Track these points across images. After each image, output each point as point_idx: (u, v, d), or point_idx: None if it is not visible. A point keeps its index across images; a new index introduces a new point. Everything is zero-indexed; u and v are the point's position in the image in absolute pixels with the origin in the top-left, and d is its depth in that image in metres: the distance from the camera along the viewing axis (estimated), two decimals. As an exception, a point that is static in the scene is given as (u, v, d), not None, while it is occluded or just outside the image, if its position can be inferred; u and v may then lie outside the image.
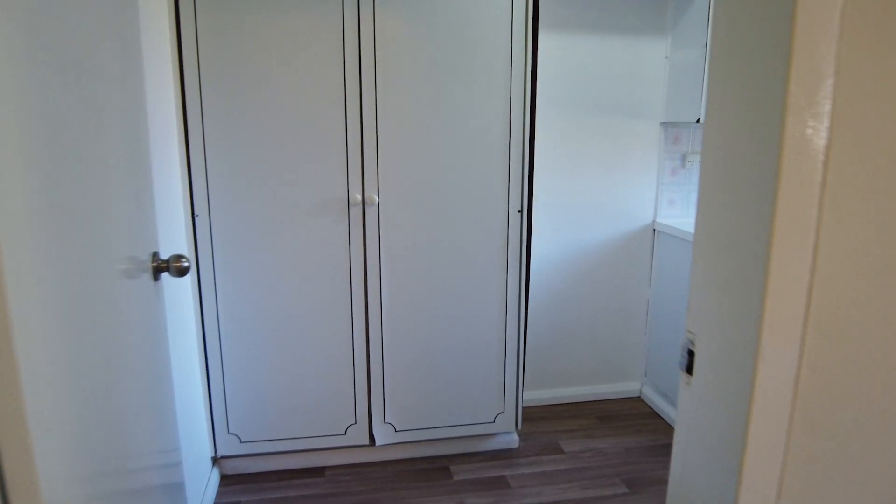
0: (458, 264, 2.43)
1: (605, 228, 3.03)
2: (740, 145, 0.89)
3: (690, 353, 1.04)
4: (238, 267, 2.24)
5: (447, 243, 2.40)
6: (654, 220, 3.08)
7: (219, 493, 2.36)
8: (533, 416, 3.02)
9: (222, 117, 2.13)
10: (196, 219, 2.18)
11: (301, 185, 2.22)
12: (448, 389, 2.53)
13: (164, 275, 1.43)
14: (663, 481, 2.48)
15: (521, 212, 2.44)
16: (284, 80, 2.14)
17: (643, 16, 2.85)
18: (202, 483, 2.24)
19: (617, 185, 2.99)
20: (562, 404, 3.16)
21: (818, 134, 0.81)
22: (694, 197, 3.12)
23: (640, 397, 3.25)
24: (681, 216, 3.12)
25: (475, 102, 2.32)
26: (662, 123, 2.99)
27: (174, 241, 1.99)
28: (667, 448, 2.75)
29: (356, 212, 2.28)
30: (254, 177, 2.18)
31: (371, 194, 2.27)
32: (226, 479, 2.44)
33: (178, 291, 2.03)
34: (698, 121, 2.69)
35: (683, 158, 3.06)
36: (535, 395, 3.12)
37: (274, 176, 2.19)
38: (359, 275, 2.34)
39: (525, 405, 3.09)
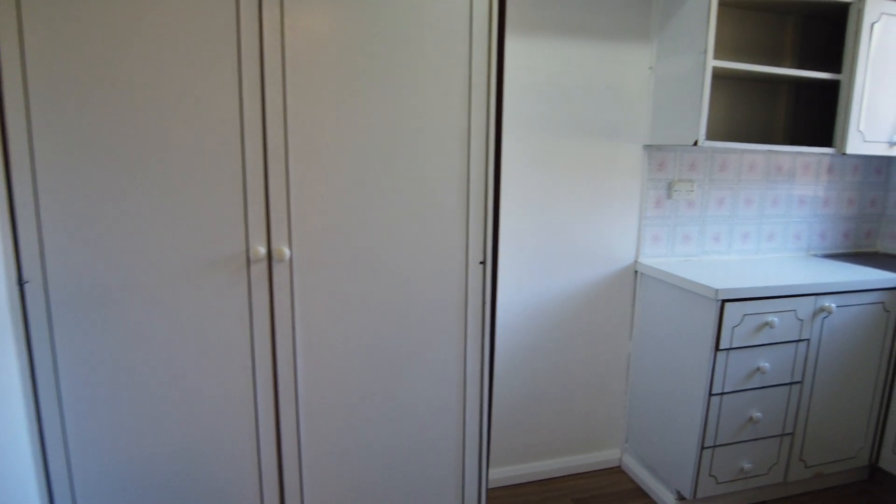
0: (401, 334, 1.85)
1: (580, 272, 2.50)
2: None
3: None
4: (89, 355, 1.58)
5: (386, 308, 1.81)
6: (635, 261, 2.58)
7: None
8: (498, 502, 2.46)
9: (61, 143, 1.48)
10: (25, 287, 1.52)
11: (180, 236, 1.58)
12: (390, 493, 1.93)
13: None
14: None
15: (483, 263, 1.88)
16: (154, 91, 1.51)
17: (623, 17, 2.35)
18: None
19: (594, 221, 2.48)
20: (532, 483, 2.61)
21: None
22: (682, 231, 2.64)
23: (620, 467, 2.73)
24: (666, 255, 2.63)
25: (424, 124, 1.75)
26: (646, 146, 2.50)
27: (-24, 326, 1.33)
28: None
29: (259, 270, 1.66)
30: (109, 226, 1.54)
31: (280, 246, 1.66)
32: None
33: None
34: (696, 143, 2.20)
35: (670, 187, 2.57)
36: (501, 473, 2.56)
37: (139, 224, 1.55)
38: (265, 356, 1.72)
39: (489, 486, 2.52)
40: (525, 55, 2.25)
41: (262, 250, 1.63)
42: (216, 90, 1.55)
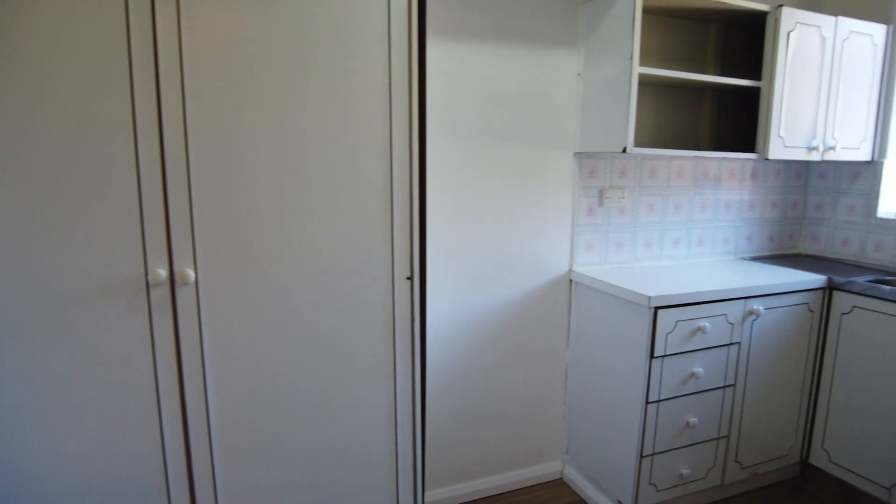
0: (323, 357, 1.73)
1: (515, 283, 2.44)
2: None
3: None
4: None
5: (306, 330, 1.69)
6: (570, 269, 2.54)
7: None
8: (435, 527, 2.36)
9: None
10: None
11: (64, 259, 1.42)
12: (319, 528, 1.81)
13: None
14: None
15: (410, 278, 1.78)
16: (36, 93, 1.34)
17: (551, 24, 2.32)
18: None
19: (527, 230, 2.42)
20: (472, 501, 2.52)
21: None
22: (614, 238, 2.62)
23: (562, 479, 2.68)
24: (600, 262, 2.61)
25: (341, 131, 1.64)
26: (577, 154, 2.47)
27: None
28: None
29: (161, 295, 1.51)
30: (-17, 250, 1.36)
31: (183, 268, 1.51)
32: None
33: None
34: (625, 150, 2.18)
35: (601, 194, 2.55)
36: (440, 494, 2.46)
37: (18, 246, 1.38)
38: (171, 391, 1.56)
39: (425, 510, 2.42)
40: (452, 60, 2.17)
41: (163, 273, 1.48)
42: (104, 94, 1.39)
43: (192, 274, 1.50)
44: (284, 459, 1.72)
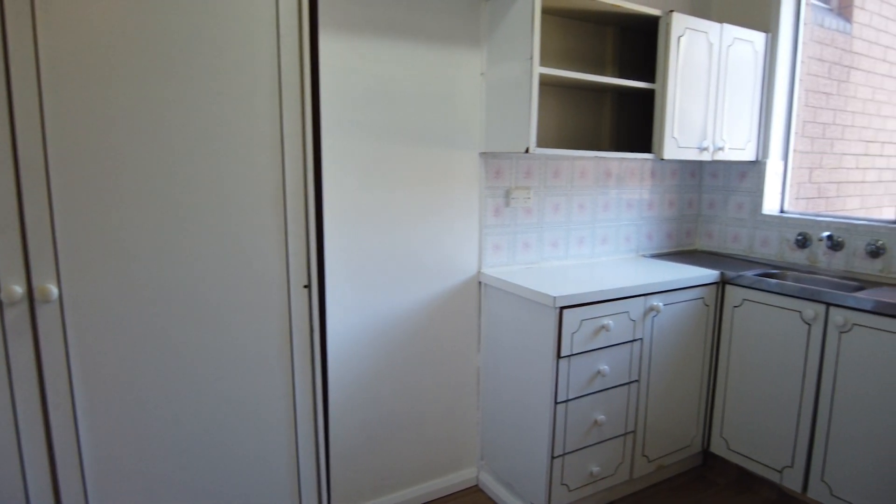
0: (214, 375, 1.59)
1: (423, 287, 2.38)
2: None
3: None
4: None
5: (194, 347, 1.55)
6: (478, 271, 2.52)
7: None
8: (346, 545, 2.26)
9: None
10: None
11: None
12: (214, 561, 1.66)
13: None
14: None
15: (308, 286, 1.68)
16: None
17: (453, 21, 2.28)
18: None
19: (434, 233, 2.37)
20: (382, 516, 2.43)
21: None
22: (522, 239, 2.62)
23: (477, 486, 2.65)
24: (508, 263, 2.59)
25: (226, 130, 1.52)
26: (482, 154, 2.45)
27: None
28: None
29: (18, 315, 1.33)
30: None
31: (44, 283, 1.34)
32: None
33: None
34: (527, 150, 2.17)
35: (507, 195, 2.54)
36: (348, 511, 2.36)
37: None
38: (33, 427, 1.38)
39: (334, 529, 2.31)
40: (351, 57, 2.09)
41: (19, 290, 1.31)
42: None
43: (54, 290, 1.33)
44: (172, 498, 1.57)
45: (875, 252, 2.58)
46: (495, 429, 2.53)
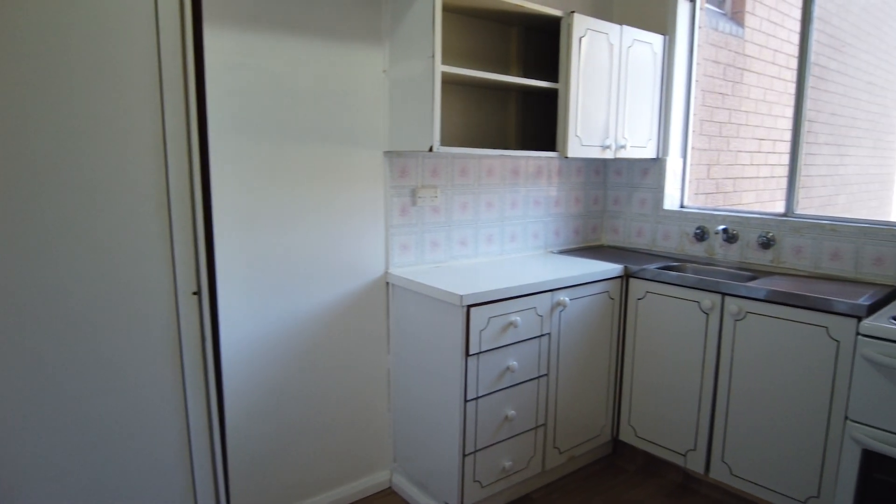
0: (95, 393, 1.49)
1: (329, 289, 2.32)
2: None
3: None
4: None
5: (71, 364, 1.44)
6: (386, 272, 2.48)
7: None
8: (253, 559, 2.17)
9: None
10: None
11: None
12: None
13: None
14: None
15: (197, 293, 1.60)
16: None
17: (353, 17, 2.24)
18: None
19: (338, 233, 2.32)
20: (293, 526, 2.36)
21: None
22: (430, 238, 2.61)
23: (391, 489, 2.62)
24: (416, 263, 2.58)
25: (101, 128, 1.42)
26: (387, 153, 2.41)
27: None
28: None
29: None
30: None
31: None
32: None
33: None
34: (431, 149, 2.16)
35: (414, 194, 2.52)
36: (255, 524, 2.27)
37: None
38: None
39: (241, 543, 2.22)
40: (242, 52, 2.00)
41: None
42: None
43: None
44: (48, 516, 1.46)
45: (766, 243, 2.74)
46: (407, 430, 2.51)
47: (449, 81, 2.44)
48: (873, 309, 2.06)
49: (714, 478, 2.50)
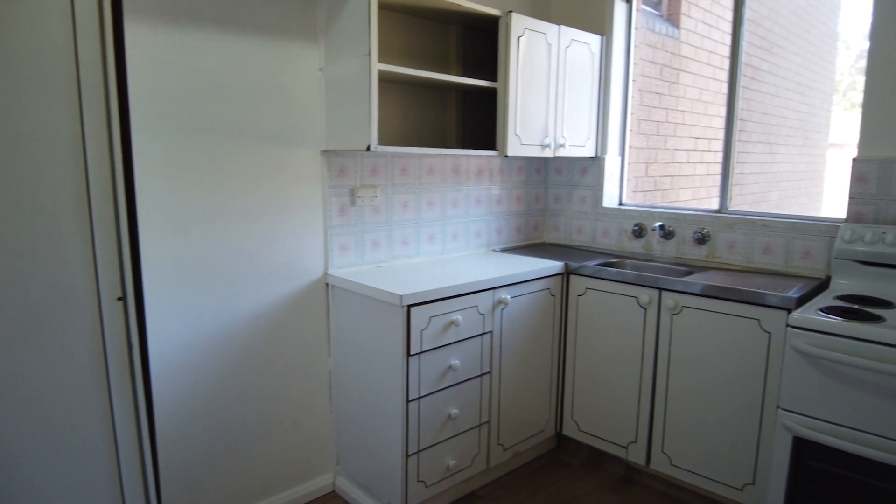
0: (12, 405, 1.41)
1: (266, 292, 2.27)
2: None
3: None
4: None
5: (-23, 373, 1.36)
6: (325, 273, 2.45)
7: None
8: (191, 572, 2.11)
9: None
10: None
11: None
12: None
13: None
14: None
15: (122, 298, 1.54)
16: None
17: (287, 13, 2.19)
18: None
19: (275, 235, 2.27)
20: (233, 535, 2.30)
21: None
22: (370, 238, 2.58)
23: (334, 492, 2.58)
24: (356, 263, 2.55)
25: (11, 127, 1.35)
26: (324, 152, 2.38)
27: None
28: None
29: None
30: None
31: None
32: None
33: None
34: (369, 148, 2.13)
35: (353, 193, 2.49)
36: (193, 535, 2.20)
37: None
38: None
39: (178, 556, 2.15)
40: (170, 49, 1.94)
41: None
42: None
43: None
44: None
45: (701, 239, 2.82)
46: (350, 432, 2.48)
47: (387, 80, 2.42)
48: (802, 301, 2.14)
49: (655, 469, 2.56)
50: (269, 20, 2.15)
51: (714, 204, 2.93)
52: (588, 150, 3.06)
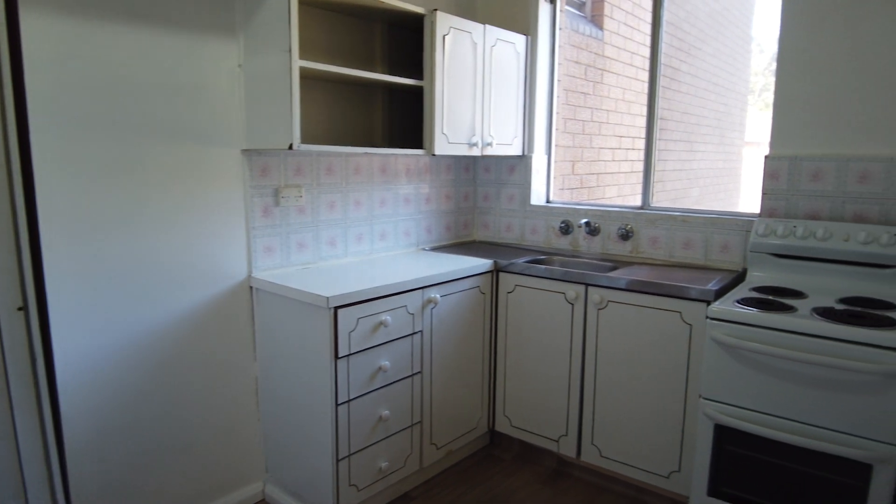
0: None
1: (185, 298, 2.18)
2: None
3: None
4: None
5: None
6: (249, 276, 2.37)
7: None
8: None
9: None
10: None
11: None
12: None
13: None
14: None
15: (23, 308, 1.44)
16: None
17: (203, 7, 2.10)
18: None
19: (193, 237, 2.18)
20: (155, 552, 2.20)
21: None
22: (296, 239, 2.52)
23: (264, 500, 2.51)
24: (282, 265, 2.49)
25: None
26: (245, 151, 2.30)
27: None
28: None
29: None
30: None
31: None
32: None
33: None
34: (291, 147, 2.08)
35: (277, 193, 2.43)
36: (110, 555, 2.09)
37: None
38: None
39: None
40: (73, 43, 1.82)
41: None
42: None
43: None
44: None
45: (625, 235, 2.91)
46: (279, 439, 2.42)
47: (311, 77, 2.37)
48: (720, 293, 2.24)
49: (585, 461, 2.62)
50: (184, 13, 2.06)
51: (637, 201, 3.02)
52: (515, 149, 3.10)
